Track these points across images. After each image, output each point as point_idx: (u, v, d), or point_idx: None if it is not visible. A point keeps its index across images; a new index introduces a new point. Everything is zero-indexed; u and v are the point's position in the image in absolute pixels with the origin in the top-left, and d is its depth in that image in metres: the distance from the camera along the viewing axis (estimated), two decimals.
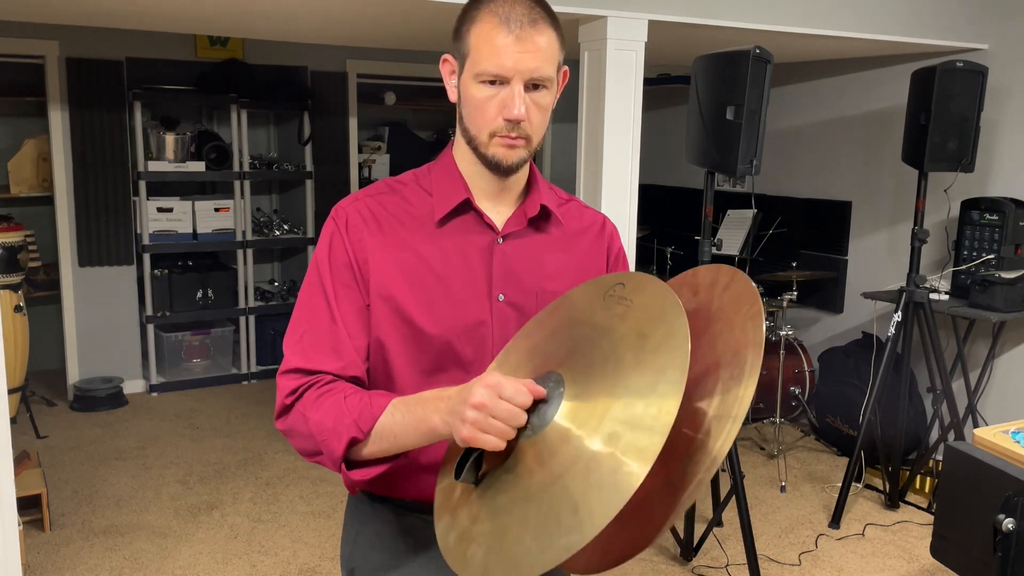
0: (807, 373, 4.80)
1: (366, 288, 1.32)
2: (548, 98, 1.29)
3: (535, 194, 1.38)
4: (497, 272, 1.34)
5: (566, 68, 1.34)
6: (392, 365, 1.34)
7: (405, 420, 1.19)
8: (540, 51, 1.24)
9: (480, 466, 1.10)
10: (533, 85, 1.26)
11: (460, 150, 1.37)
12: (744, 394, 0.97)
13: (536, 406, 1.05)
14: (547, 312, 1.26)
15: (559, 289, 1.35)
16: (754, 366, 0.97)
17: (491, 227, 1.35)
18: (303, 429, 1.26)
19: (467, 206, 1.35)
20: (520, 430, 1.05)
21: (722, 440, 0.97)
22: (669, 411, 0.92)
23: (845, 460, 4.17)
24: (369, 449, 1.23)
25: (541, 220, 1.39)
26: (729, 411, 0.98)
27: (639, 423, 0.95)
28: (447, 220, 1.34)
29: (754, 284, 1.08)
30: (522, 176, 1.38)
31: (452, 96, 1.34)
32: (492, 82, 1.25)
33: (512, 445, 1.05)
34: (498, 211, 1.37)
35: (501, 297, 1.34)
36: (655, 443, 0.91)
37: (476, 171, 1.35)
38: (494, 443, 1.05)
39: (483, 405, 1.05)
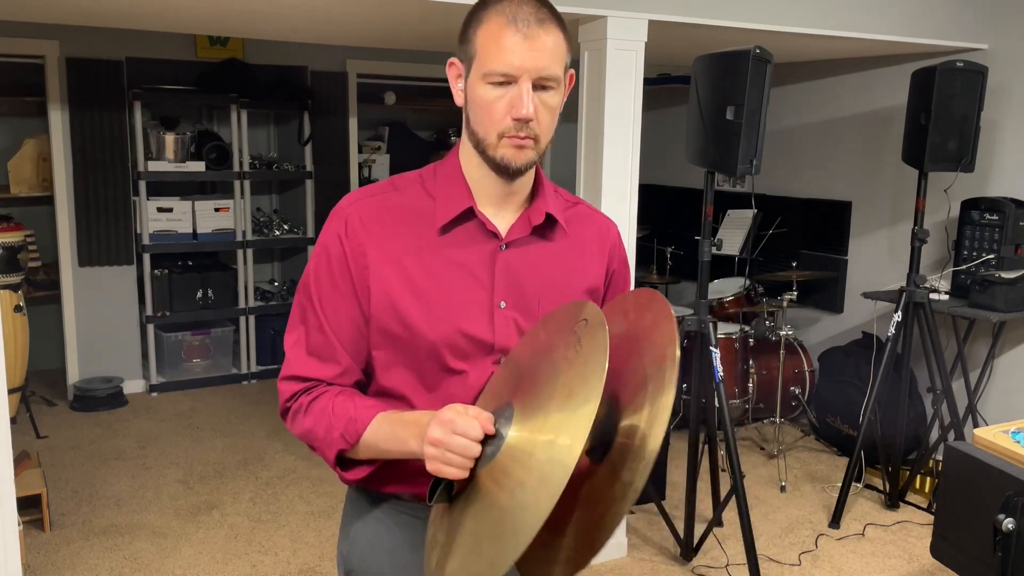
0: (807, 373, 4.80)
1: (366, 294, 1.32)
2: (556, 99, 1.28)
3: (540, 201, 1.37)
4: (499, 280, 1.33)
5: (572, 71, 1.32)
6: (393, 372, 1.35)
7: (388, 437, 1.27)
8: (548, 50, 1.24)
9: (451, 489, 1.20)
10: (541, 85, 1.25)
11: (466, 154, 1.35)
12: (666, 401, 1.09)
13: (490, 437, 1.15)
14: (534, 329, 1.31)
15: (562, 296, 1.36)
16: (671, 377, 1.10)
17: (494, 234, 1.34)
18: (300, 433, 1.37)
19: (470, 214, 1.33)
20: (478, 458, 1.14)
21: (652, 442, 1.09)
22: (575, 447, 1.04)
23: (845, 460, 4.17)
24: (359, 455, 1.32)
25: (546, 227, 1.37)
26: (657, 417, 1.10)
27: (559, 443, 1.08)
28: (450, 227, 1.33)
29: (668, 305, 1.20)
30: (528, 180, 1.36)
31: (459, 100, 1.32)
32: (500, 82, 1.24)
33: (474, 471, 1.15)
34: (502, 217, 1.36)
35: (503, 304, 1.33)
36: (578, 439, 1.03)
37: (482, 175, 1.33)
38: (456, 473, 1.14)
39: (439, 441, 1.14)
